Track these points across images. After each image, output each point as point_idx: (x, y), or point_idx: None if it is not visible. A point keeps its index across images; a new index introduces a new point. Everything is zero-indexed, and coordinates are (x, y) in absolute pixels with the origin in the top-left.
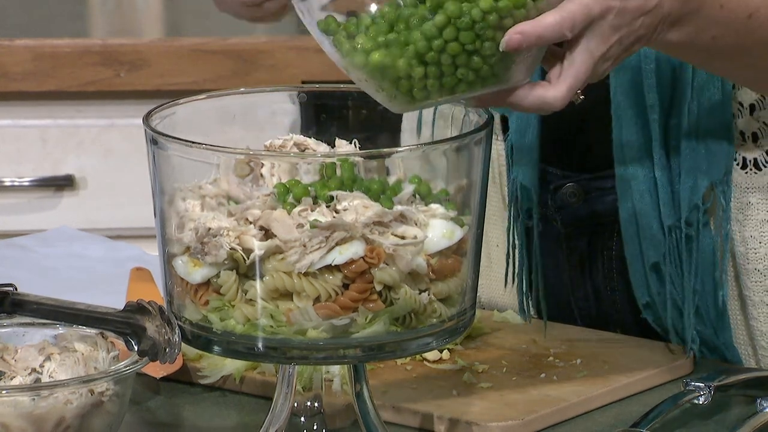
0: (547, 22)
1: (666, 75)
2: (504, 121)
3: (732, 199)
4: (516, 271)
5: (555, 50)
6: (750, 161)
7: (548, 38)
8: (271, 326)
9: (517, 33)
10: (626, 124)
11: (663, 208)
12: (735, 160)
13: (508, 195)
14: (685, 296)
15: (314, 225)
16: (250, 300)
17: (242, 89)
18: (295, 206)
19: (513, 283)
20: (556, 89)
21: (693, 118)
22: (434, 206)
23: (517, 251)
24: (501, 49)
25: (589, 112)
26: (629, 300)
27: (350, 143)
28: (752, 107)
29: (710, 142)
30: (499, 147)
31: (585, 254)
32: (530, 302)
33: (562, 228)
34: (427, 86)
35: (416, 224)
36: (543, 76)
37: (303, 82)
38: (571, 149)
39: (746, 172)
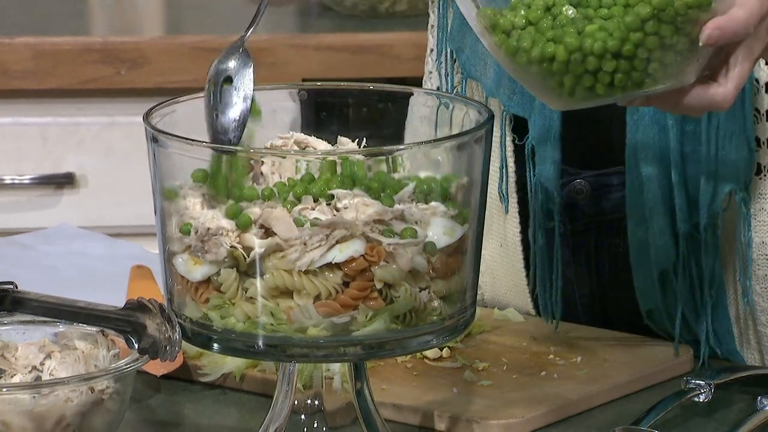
0: (739, 17)
1: None
2: (515, 120)
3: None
4: (543, 273)
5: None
6: (764, 167)
7: (740, 34)
8: (272, 324)
9: (716, 28)
10: (642, 128)
11: (679, 213)
12: None
13: (530, 196)
14: (695, 304)
15: (314, 223)
16: (251, 298)
17: None
18: (296, 204)
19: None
20: (726, 89)
21: (713, 123)
22: (435, 204)
23: (538, 253)
24: (701, 44)
25: (600, 109)
26: (634, 297)
27: (353, 141)
28: None
29: (730, 148)
30: (507, 146)
31: (591, 251)
32: (556, 305)
33: (569, 224)
34: (614, 82)
35: (416, 222)
36: None
37: (303, 80)
38: (579, 146)
39: (760, 178)
